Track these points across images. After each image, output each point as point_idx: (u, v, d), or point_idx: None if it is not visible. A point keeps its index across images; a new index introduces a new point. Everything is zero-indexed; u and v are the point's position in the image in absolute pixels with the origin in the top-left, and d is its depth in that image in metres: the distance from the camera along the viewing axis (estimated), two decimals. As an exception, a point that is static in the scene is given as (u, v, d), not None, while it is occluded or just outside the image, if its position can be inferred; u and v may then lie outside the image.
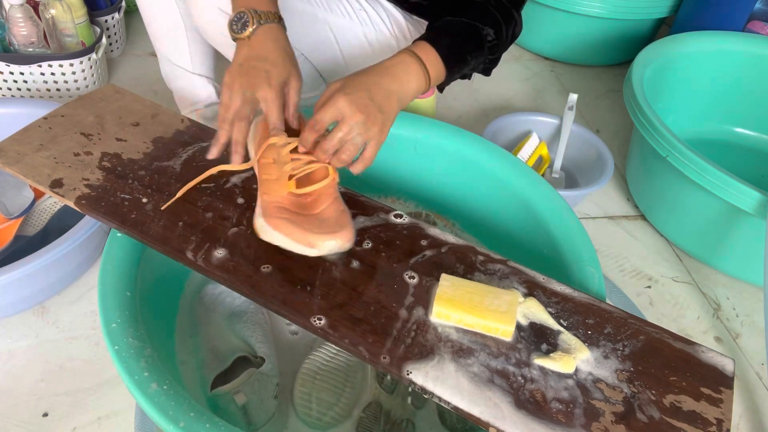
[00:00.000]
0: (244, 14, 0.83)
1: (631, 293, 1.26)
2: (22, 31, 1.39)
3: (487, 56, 0.97)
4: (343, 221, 0.79)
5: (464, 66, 0.94)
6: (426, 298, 0.78)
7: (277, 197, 0.80)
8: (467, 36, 0.93)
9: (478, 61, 0.96)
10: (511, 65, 2.01)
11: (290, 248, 0.77)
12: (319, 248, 0.76)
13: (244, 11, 0.83)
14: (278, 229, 0.77)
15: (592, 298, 0.81)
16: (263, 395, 0.91)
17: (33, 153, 0.89)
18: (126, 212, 0.83)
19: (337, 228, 0.77)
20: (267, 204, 0.80)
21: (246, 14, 0.83)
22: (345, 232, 0.77)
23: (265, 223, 0.78)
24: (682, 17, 1.80)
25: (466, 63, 0.93)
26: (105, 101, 1.01)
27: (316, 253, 0.77)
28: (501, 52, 0.99)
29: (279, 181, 0.80)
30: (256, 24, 0.83)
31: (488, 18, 0.94)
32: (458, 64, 0.92)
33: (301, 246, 0.76)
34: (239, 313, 1.01)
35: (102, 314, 0.75)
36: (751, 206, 1.13)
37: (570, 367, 0.71)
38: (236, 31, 0.84)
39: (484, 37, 0.94)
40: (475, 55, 0.94)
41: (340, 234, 0.77)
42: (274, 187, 0.80)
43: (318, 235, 0.76)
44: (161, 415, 0.66)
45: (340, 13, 1.15)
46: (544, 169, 1.49)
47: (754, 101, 1.63)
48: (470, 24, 0.93)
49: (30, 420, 0.94)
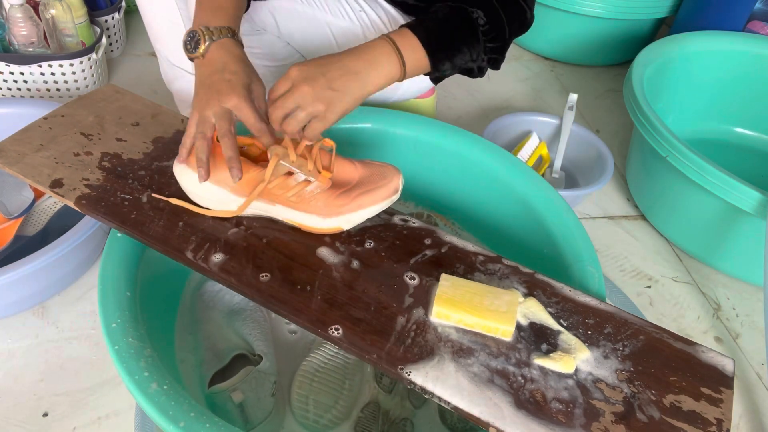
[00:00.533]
0: (195, 33, 0.83)
1: (631, 293, 1.26)
2: (22, 31, 1.39)
3: (485, 44, 0.92)
4: (372, 176, 0.84)
5: (456, 54, 0.90)
6: (426, 298, 0.78)
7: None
8: (454, 20, 0.88)
9: (475, 51, 0.91)
10: (511, 65, 2.01)
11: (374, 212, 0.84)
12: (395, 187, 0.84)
13: (195, 30, 0.83)
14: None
15: (592, 298, 0.81)
16: (260, 393, 0.91)
17: (33, 153, 0.89)
18: (126, 212, 0.83)
19: (387, 173, 0.84)
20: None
21: (197, 32, 0.83)
22: (393, 169, 0.85)
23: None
24: (682, 17, 1.80)
25: (459, 51, 0.89)
26: (105, 101, 1.01)
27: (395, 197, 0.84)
28: (503, 41, 0.93)
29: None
30: (208, 41, 0.82)
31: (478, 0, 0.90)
32: (445, 51, 0.88)
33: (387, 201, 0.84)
34: (238, 311, 1.01)
35: (102, 314, 0.75)
36: (751, 206, 1.13)
37: (570, 367, 0.71)
38: (190, 50, 0.84)
39: (475, 20, 0.89)
40: (469, 43, 0.90)
41: (395, 172, 0.84)
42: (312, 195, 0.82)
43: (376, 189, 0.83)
44: (161, 415, 0.65)
45: (341, 15, 1.15)
46: (544, 169, 1.49)
47: (754, 101, 1.63)
48: (456, 7, 0.89)
49: (30, 420, 0.94)
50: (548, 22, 1.95)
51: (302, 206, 0.82)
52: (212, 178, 0.81)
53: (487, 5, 0.89)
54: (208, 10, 0.85)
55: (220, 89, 0.79)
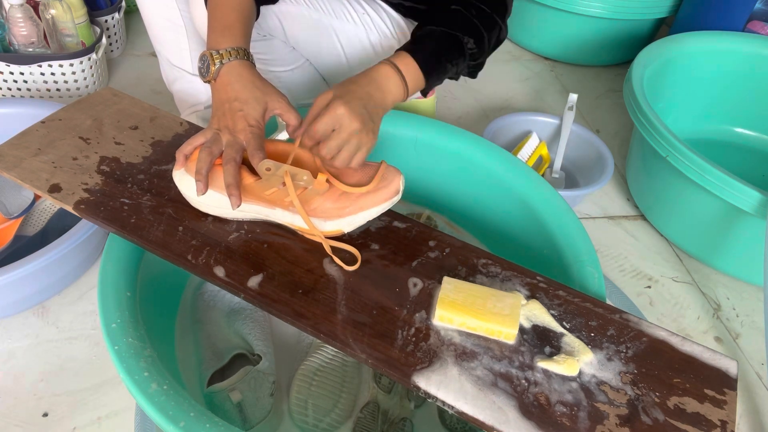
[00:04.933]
0: (205, 57, 0.86)
1: (631, 293, 1.26)
2: (22, 31, 1.38)
3: (468, 62, 0.99)
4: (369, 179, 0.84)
5: (444, 73, 0.96)
6: (428, 302, 0.78)
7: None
8: (448, 46, 0.95)
9: (459, 68, 0.98)
10: (511, 65, 2.01)
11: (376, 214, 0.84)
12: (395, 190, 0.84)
13: (205, 54, 0.86)
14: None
15: (594, 300, 0.81)
16: (259, 393, 0.91)
17: (31, 157, 0.88)
18: (125, 217, 0.83)
19: (387, 175, 0.84)
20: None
21: (206, 56, 0.86)
22: (393, 170, 0.85)
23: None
24: (682, 17, 1.80)
25: (446, 71, 0.96)
26: (103, 105, 1.00)
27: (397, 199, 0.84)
28: (484, 59, 1.02)
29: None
30: (218, 64, 0.85)
31: (470, 28, 0.96)
32: (437, 72, 0.94)
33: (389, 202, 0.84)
34: (238, 311, 1.01)
35: (102, 314, 0.75)
36: (751, 206, 1.13)
37: (573, 369, 0.71)
38: (204, 74, 0.87)
39: (465, 44, 0.96)
40: (455, 63, 0.96)
41: (395, 173, 0.84)
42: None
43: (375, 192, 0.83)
44: (161, 415, 0.66)
45: (345, 18, 1.15)
46: (544, 169, 1.49)
47: (754, 101, 1.63)
48: (451, 34, 0.95)
49: (30, 420, 0.94)
50: (548, 22, 1.95)
51: (303, 210, 0.82)
52: (212, 184, 0.81)
53: (476, 32, 0.96)
54: (217, 31, 0.88)
55: (234, 121, 0.81)
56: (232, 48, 0.86)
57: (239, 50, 0.86)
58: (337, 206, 0.82)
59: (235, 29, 0.88)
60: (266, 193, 0.81)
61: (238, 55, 0.86)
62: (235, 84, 0.83)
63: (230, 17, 0.89)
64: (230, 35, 0.87)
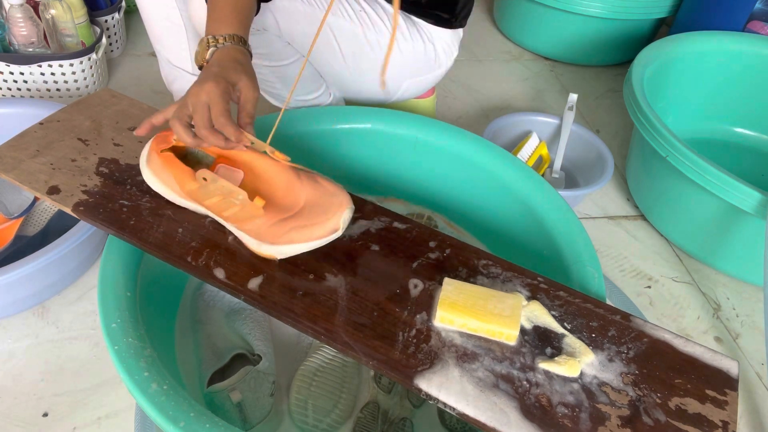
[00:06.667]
0: (202, 42, 0.86)
1: (631, 293, 1.26)
2: (22, 31, 1.38)
3: None
4: (325, 198, 0.81)
5: None
6: (429, 303, 0.78)
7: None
8: None
9: None
10: (511, 65, 2.00)
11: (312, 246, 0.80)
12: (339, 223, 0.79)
13: (203, 39, 0.86)
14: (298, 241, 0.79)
15: (595, 301, 0.81)
16: (259, 393, 0.91)
17: (29, 159, 0.88)
18: (125, 218, 0.82)
19: (331, 208, 0.79)
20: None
21: (204, 41, 0.86)
22: (340, 202, 0.80)
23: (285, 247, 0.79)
24: (682, 17, 1.80)
25: None
26: (101, 106, 1.00)
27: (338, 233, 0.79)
28: None
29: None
30: (212, 48, 0.85)
31: None
32: None
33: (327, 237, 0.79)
34: (238, 311, 1.01)
35: (102, 314, 0.74)
36: (751, 206, 1.13)
37: (575, 370, 0.71)
38: (198, 59, 0.87)
39: None
40: None
41: (339, 207, 0.79)
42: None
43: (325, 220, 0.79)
44: (161, 415, 0.65)
45: (341, 14, 1.14)
46: (544, 169, 1.49)
47: (754, 101, 1.63)
48: None
49: (30, 420, 0.94)
50: (548, 22, 1.95)
51: (241, 225, 0.80)
52: (159, 176, 0.83)
53: None
54: (216, 20, 0.88)
55: (205, 80, 0.79)
56: (229, 34, 0.86)
57: (235, 37, 0.86)
58: (271, 233, 0.79)
59: (233, 19, 0.88)
60: (206, 202, 0.81)
61: (234, 40, 0.86)
62: (223, 59, 0.83)
63: (229, 8, 0.89)
64: (228, 23, 0.88)
